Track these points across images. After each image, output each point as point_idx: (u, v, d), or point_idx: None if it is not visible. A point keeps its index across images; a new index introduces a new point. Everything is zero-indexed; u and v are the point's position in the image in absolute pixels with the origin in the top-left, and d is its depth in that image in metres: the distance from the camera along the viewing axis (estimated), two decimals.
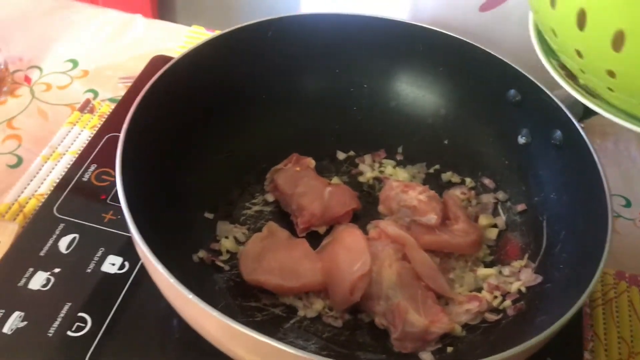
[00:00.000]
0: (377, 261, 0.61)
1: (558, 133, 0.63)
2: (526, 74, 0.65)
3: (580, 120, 0.63)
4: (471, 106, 0.72)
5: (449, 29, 0.69)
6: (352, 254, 0.60)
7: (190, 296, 0.46)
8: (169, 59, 0.62)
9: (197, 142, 0.66)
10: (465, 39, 0.68)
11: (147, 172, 0.58)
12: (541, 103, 0.64)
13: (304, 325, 0.59)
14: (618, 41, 0.42)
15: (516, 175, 0.69)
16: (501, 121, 0.70)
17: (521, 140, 0.68)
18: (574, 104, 0.63)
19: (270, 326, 0.58)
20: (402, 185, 0.67)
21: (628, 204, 0.79)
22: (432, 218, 0.64)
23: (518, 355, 0.46)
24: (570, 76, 0.53)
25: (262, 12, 0.72)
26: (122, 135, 0.55)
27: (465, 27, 0.73)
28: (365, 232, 0.65)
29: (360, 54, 0.72)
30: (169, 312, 0.58)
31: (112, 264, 0.63)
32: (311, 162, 0.70)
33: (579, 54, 0.45)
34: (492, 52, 0.67)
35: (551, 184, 0.65)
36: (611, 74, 0.44)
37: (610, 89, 0.46)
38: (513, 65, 0.66)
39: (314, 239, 0.65)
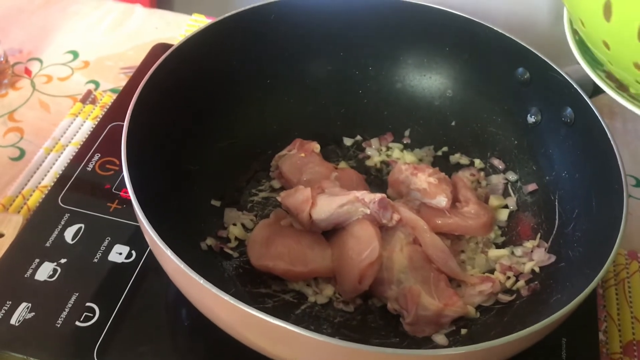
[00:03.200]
0: (388, 246, 0.60)
1: (568, 110, 0.62)
2: (534, 51, 0.64)
3: (590, 97, 0.62)
4: (479, 86, 0.71)
5: (454, 7, 0.68)
6: (360, 241, 0.59)
7: (202, 281, 0.45)
8: (170, 47, 0.61)
9: (201, 130, 0.65)
10: (471, 17, 0.67)
11: (152, 160, 0.58)
12: (550, 80, 0.63)
13: (315, 310, 0.59)
14: None
15: (526, 155, 0.68)
16: (510, 100, 0.69)
17: (531, 119, 0.67)
18: (584, 81, 0.63)
19: (281, 313, 0.58)
20: (411, 167, 0.66)
21: (638, 184, 0.78)
22: (443, 200, 0.63)
23: (533, 335, 0.45)
24: (622, 87, 0.52)
25: None
26: (125, 124, 0.54)
27: (472, 6, 0.72)
28: None
29: (365, 36, 0.71)
30: (177, 300, 0.58)
31: (119, 253, 0.63)
32: (316, 146, 0.69)
33: (606, 45, 0.45)
34: (500, 30, 0.66)
35: (562, 162, 0.64)
36: (637, 66, 0.43)
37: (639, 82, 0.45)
38: (521, 42, 0.65)
39: None
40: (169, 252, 0.46)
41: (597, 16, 0.43)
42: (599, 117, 0.58)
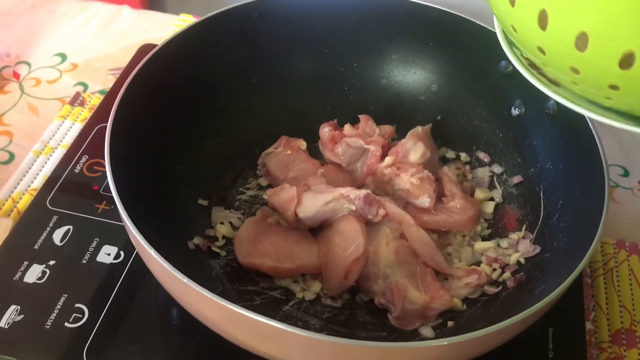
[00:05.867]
0: (374, 241, 0.60)
1: (551, 102, 0.63)
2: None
3: None
4: (463, 80, 0.71)
5: (437, 2, 0.68)
6: (346, 238, 0.59)
7: (185, 280, 0.45)
8: None
9: (186, 129, 0.65)
10: (454, 12, 0.68)
11: (137, 160, 0.58)
12: None
13: (303, 307, 0.59)
14: (582, 41, 0.41)
15: (511, 148, 0.69)
16: (494, 94, 0.69)
17: (514, 111, 0.68)
18: None
19: (268, 310, 0.58)
20: (394, 168, 0.65)
21: (626, 174, 0.79)
22: (426, 201, 0.63)
23: (515, 325, 0.45)
24: (534, 66, 0.52)
25: None
26: (109, 125, 0.55)
27: (457, 0, 0.72)
28: None
29: (349, 33, 0.71)
30: (166, 300, 0.58)
31: (107, 254, 0.63)
32: (302, 143, 0.70)
33: (541, 50, 0.45)
34: (482, 24, 0.66)
35: (547, 153, 0.64)
36: (575, 70, 0.43)
37: (574, 83, 0.45)
38: None
39: None
40: (152, 252, 0.47)
41: (532, 25, 0.43)
42: None
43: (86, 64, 0.88)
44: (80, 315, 0.58)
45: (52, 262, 0.62)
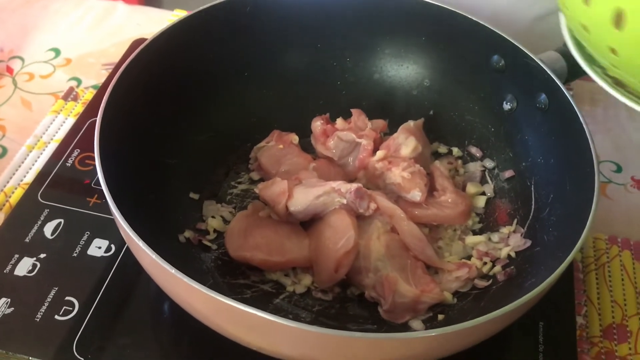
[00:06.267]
0: (365, 235, 0.60)
1: (542, 96, 0.63)
2: (509, 39, 0.64)
3: (565, 83, 0.63)
4: (455, 75, 0.71)
5: None
6: (337, 231, 0.59)
7: (173, 271, 0.45)
8: None
9: (178, 123, 0.65)
10: (445, 6, 0.68)
11: (128, 154, 0.58)
12: (525, 67, 0.63)
13: (293, 300, 0.59)
14: None
15: (503, 142, 0.69)
16: (486, 88, 0.69)
17: (506, 106, 0.68)
18: (557, 67, 0.63)
19: (259, 303, 0.58)
20: (385, 162, 0.65)
21: (619, 170, 0.79)
22: (417, 195, 0.62)
23: (504, 317, 0.45)
24: (619, 83, 0.51)
25: None
26: (98, 118, 0.54)
27: None
28: None
29: (342, 27, 0.71)
30: (157, 294, 0.58)
31: (98, 247, 0.63)
32: (294, 138, 0.70)
33: (613, 51, 0.44)
34: (474, 18, 0.66)
35: (538, 148, 0.64)
36: None
37: None
38: (495, 30, 0.65)
39: None
40: (141, 244, 0.47)
41: (605, 24, 0.42)
42: (572, 102, 0.59)
43: (80, 59, 0.88)
44: (71, 308, 0.58)
45: (42, 255, 0.62)
